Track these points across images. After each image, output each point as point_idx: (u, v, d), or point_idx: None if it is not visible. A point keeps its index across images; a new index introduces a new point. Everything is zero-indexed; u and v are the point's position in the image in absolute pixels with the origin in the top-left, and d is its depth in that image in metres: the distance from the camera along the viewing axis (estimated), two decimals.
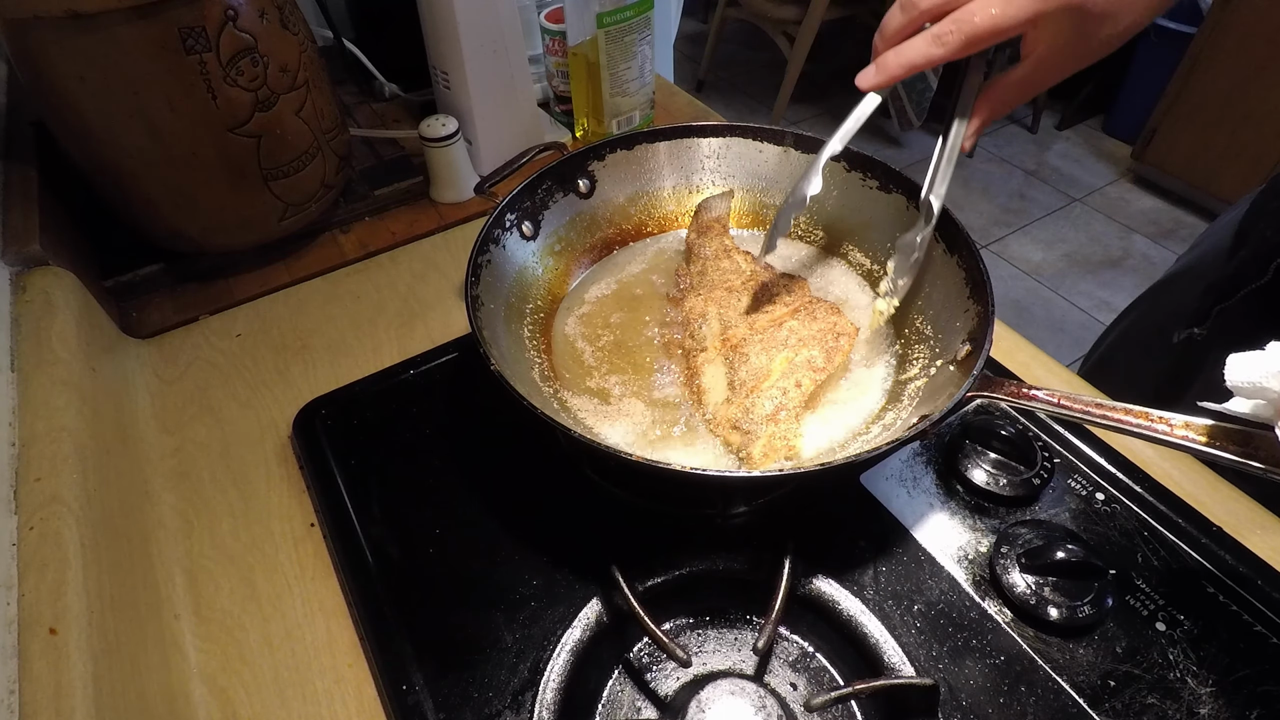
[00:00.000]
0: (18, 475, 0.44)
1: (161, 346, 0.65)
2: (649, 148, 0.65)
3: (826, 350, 0.52)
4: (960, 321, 0.50)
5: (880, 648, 0.43)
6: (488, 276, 0.53)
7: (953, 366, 0.49)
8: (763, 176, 0.66)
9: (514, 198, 0.57)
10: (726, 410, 0.51)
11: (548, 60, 0.87)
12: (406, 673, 0.44)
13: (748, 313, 0.56)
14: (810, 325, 0.54)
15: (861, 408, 0.53)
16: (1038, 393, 0.42)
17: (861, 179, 0.61)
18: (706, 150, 0.66)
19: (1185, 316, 0.67)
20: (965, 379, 0.43)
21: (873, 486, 0.53)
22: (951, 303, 0.52)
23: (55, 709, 0.36)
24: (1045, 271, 2.20)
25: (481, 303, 0.51)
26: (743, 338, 0.54)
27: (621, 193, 0.65)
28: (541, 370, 0.55)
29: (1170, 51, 2.30)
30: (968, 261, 0.52)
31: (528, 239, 0.59)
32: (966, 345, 0.48)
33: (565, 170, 0.61)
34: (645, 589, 0.45)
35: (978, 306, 0.49)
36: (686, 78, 3.01)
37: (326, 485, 0.53)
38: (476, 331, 0.47)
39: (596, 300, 0.61)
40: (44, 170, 0.65)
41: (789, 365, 0.52)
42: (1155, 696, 0.42)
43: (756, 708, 0.38)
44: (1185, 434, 0.37)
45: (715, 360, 0.54)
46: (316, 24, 0.91)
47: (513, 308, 0.56)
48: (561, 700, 0.41)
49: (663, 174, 0.66)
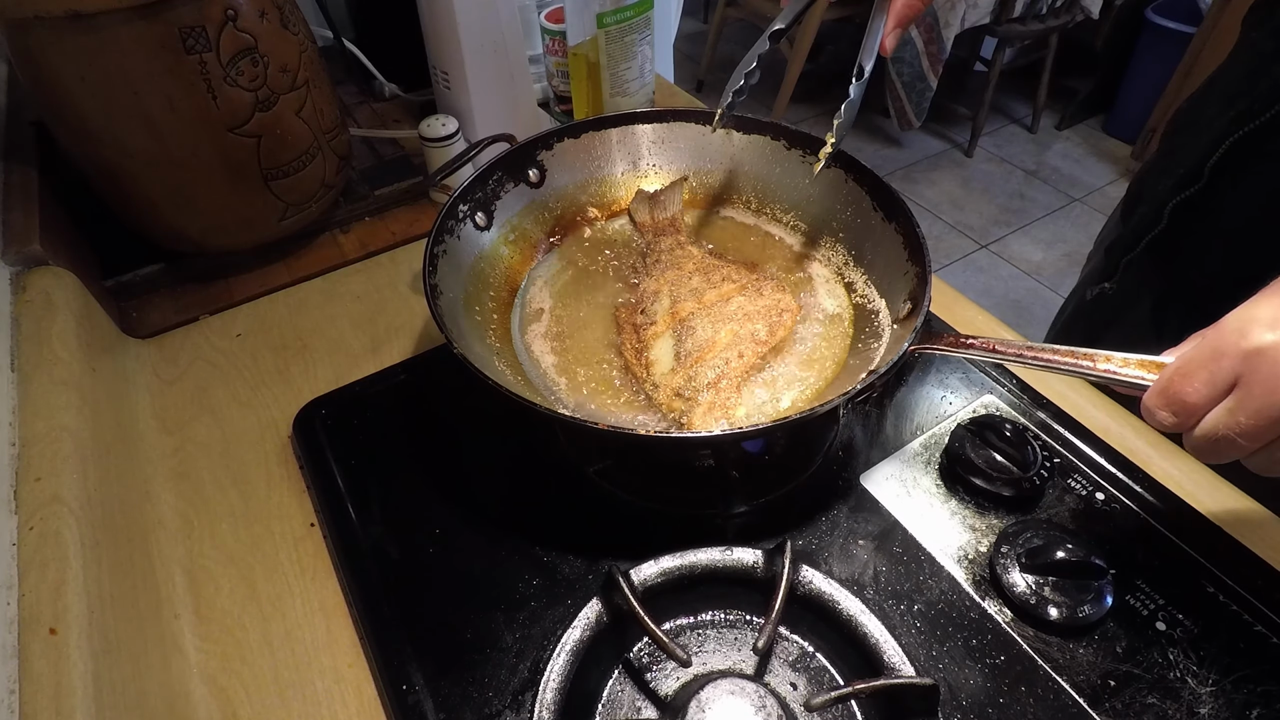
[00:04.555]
0: (18, 475, 0.44)
1: (161, 346, 0.65)
2: (596, 135, 0.66)
3: (770, 324, 0.55)
4: (900, 284, 0.54)
5: (880, 648, 0.43)
6: (445, 266, 0.54)
7: (896, 325, 0.53)
8: (707, 158, 0.68)
9: (465, 189, 0.58)
10: (671, 379, 0.53)
11: (548, 60, 0.87)
12: (406, 673, 0.44)
13: (697, 290, 0.58)
14: (757, 301, 0.57)
15: (808, 379, 0.54)
16: (973, 340, 0.45)
17: (801, 157, 0.64)
18: (652, 135, 0.68)
19: (1095, 275, 0.75)
20: (907, 334, 0.47)
21: (873, 486, 0.53)
22: (892, 267, 0.56)
23: (55, 709, 0.36)
24: (1045, 271, 2.20)
25: (440, 291, 0.52)
26: (691, 312, 0.56)
27: (571, 180, 0.66)
28: (501, 354, 0.55)
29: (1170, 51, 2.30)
30: (904, 227, 0.55)
31: (482, 229, 0.60)
32: (908, 304, 0.52)
33: (515, 160, 0.62)
34: (645, 589, 0.45)
35: (916, 268, 0.53)
36: (686, 78, 3.01)
37: (326, 485, 0.53)
38: (437, 318, 0.48)
39: (552, 287, 0.62)
40: (44, 170, 0.65)
41: (734, 337, 0.54)
42: (1155, 696, 0.42)
43: (756, 708, 0.38)
44: (1108, 366, 0.39)
45: (664, 334, 0.55)
46: (316, 24, 0.91)
47: (471, 296, 0.57)
48: (561, 700, 0.41)
49: (611, 160, 0.68)
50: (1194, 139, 0.64)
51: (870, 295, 0.58)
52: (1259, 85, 0.57)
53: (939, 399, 0.58)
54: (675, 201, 0.66)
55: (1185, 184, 0.63)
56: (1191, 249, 0.65)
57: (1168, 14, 2.38)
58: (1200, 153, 0.61)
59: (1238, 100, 0.58)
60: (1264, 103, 0.55)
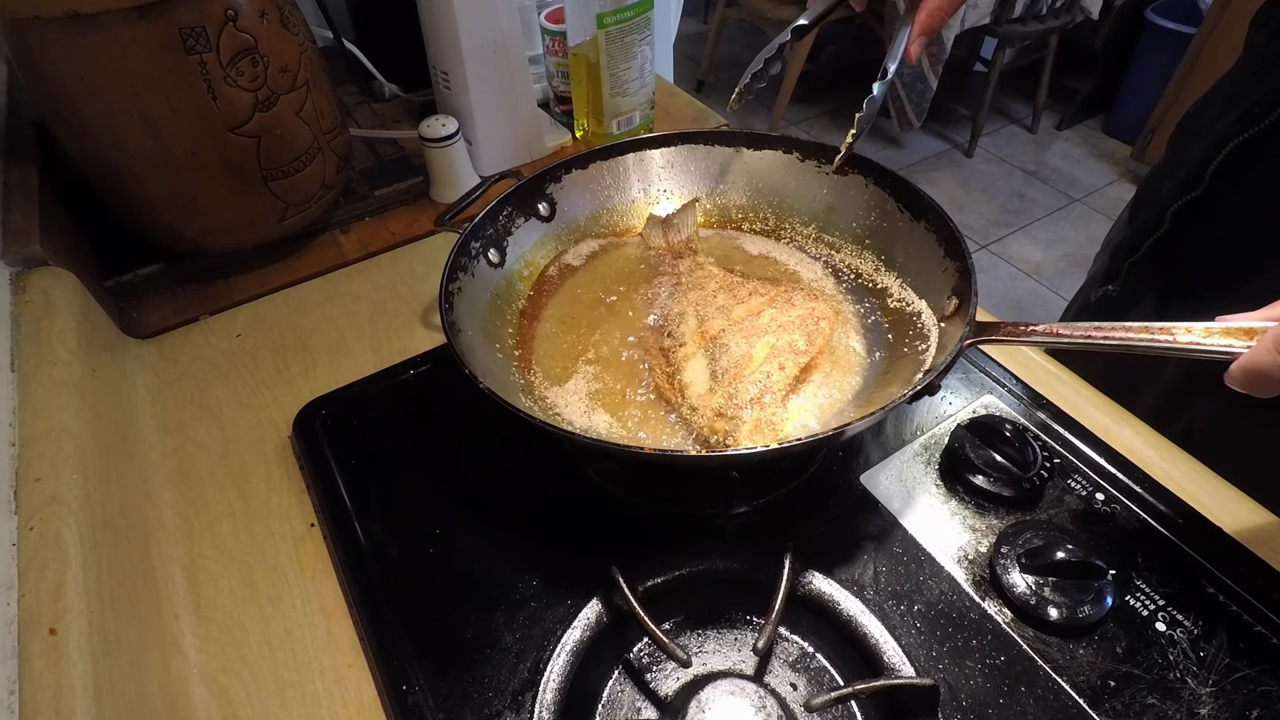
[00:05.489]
0: (18, 475, 0.44)
1: (161, 346, 0.65)
2: (604, 164, 0.65)
3: (808, 333, 0.52)
4: (939, 281, 0.53)
5: (880, 648, 0.43)
6: (461, 304, 0.53)
7: (943, 323, 0.51)
8: (720, 178, 0.67)
9: (476, 226, 0.57)
10: (710, 399, 0.50)
11: (548, 60, 0.87)
12: (406, 673, 0.44)
13: (724, 307, 0.56)
14: (789, 312, 0.54)
15: (851, 388, 0.53)
16: (1034, 328, 0.43)
17: (816, 167, 0.63)
18: (661, 160, 0.67)
19: (1100, 278, 0.76)
20: (958, 331, 0.46)
21: (873, 486, 0.53)
22: (928, 266, 0.55)
23: (55, 709, 0.36)
24: (1045, 271, 2.20)
25: (459, 329, 0.51)
26: (721, 329, 0.54)
27: (583, 211, 0.65)
28: (525, 386, 0.54)
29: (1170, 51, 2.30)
30: (936, 224, 0.54)
31: (495, 266, 0.59)
32: (953, 300, 0.51)
33: (523, 195, 0.61)
34: (645, 589, 0.45)
35: (956, 263, 0.52)
36: (686, 78, 3.01)
37: (326, 485, 0.53)
38: (459, 357, 0.47)
39: (570, 316, 0.60)
40: (44, 170, 0.65)
41: (771, 350, 0.52)
42: (1155, 696, 0.42)
43: (756, 708, 0.38)
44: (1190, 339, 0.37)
45: (695, 354, 0.53)
46: (316, 24, 0.91)
47: (490, 332, 0.56)
48: (561, 700, 0.41)
49: (621, 188, 0.67)
50: (1196, 143, 0.64)
51: (908, 298, 0.56)
52: (1260, 89, 0.57)
53: (939, 399, 0.58)
54: (689, 223, 0.65)
55: (1187, 188, 0.63)
56: (1193, 252, 0.65)
57: (1168, 14, 2.39)
58: (1202, 157, 0.61)
59: (1239, 104, 0.59)
60: (1265, 107, 0.56)
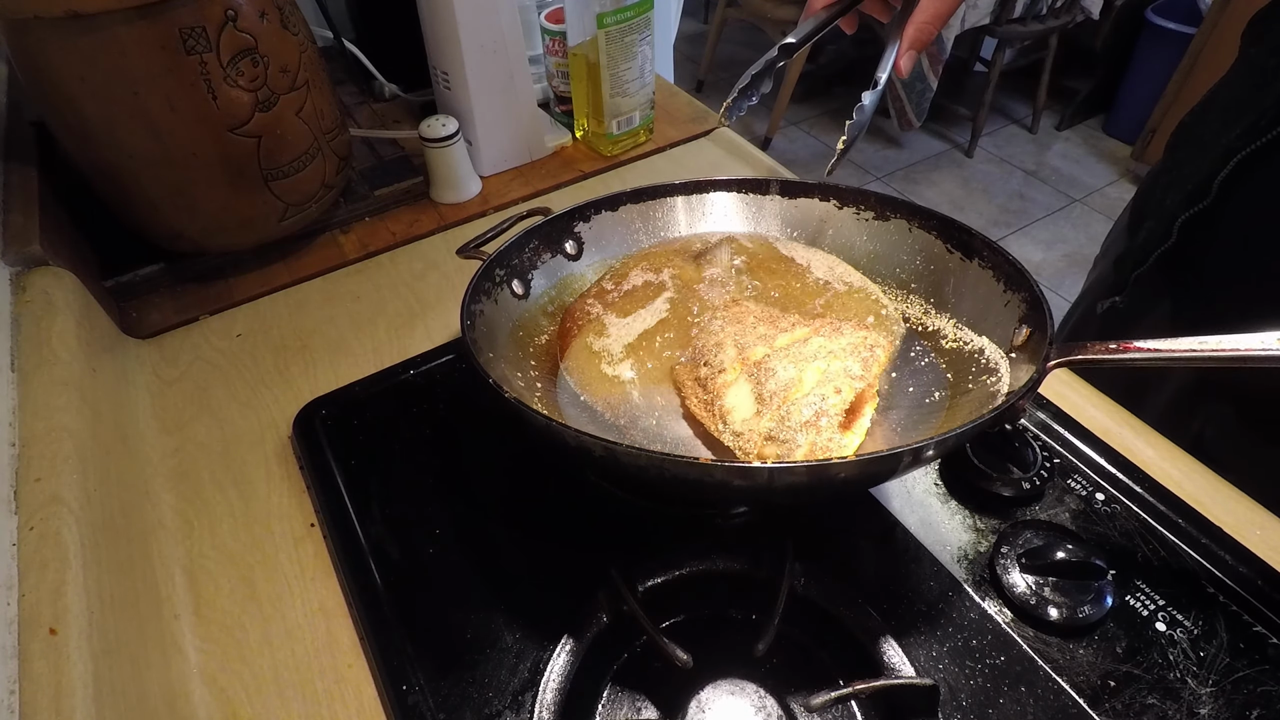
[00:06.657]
0: (18, 475, 0.44)
1: (161, 346, 0.65)
2: (634, 208, 0.63)
3: (863, 360, 0.48)
4: (1002, 315, 0.51)
5: (880, 648, 0.43)
6: (482, 326, 0.52)
7: (1013, 354, 0.49)
8: (749, 220, 0.65)
9: (501, 253, 0.55)
10: (757, 423, 0.46)
11: (548, 60, 0.87)
12: (406, 673, 0.44)
13: (766, 336, 0.52)
14: (838, 340, 0.50)
15: (909, 423, 0.50)
16: (1136, 347, 0.40)
17: (855, 214, 0.61)
18: (693, 205, 0.65)
19: (1105, 288, 0.74)
20: (1036, 356, 0.44)
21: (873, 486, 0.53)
22: (986, 302, 0.53)
23: (55, 709, 0.36)
24: (1045, 271, 2.20)
25: (481, 349, 0.49)
26: (765, 354, 0.50)
27: (611, 254, 0.63)
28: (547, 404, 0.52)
29: (1170, 51, 2.30)
30: (992, 260, 0.53)
31: (519, 298, 0.57)
32: (1024, 329, 0.49)
33: (551, 231, 0.60)
34: (645, 589, 0.45)
35: (1021, 294, 0.50)
36: (686, 78, 3.01)
37: (326, 485, 0.53)
38: (481, 370, 0.44)
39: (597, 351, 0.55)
40: (44, 170, 0.65)
41: (824, 374, 0.47)
42: (1155, 696, 0.42)
43: (756, 708, 0.38)
44: None
45: (737, 380, 0.49)
46: (316, 24, 0.91)
47: (512, 362, 0.54)
48: (561, 700, 0.41)
49: (650, 232, 0.64)
50: (1199, 154, 0.63)
51: (965, 336, 0.53)
52: (1264, 101, 0.57)
53: None
54: (723, 259, 0.62)
55: (1194, 199, 0.62)
56: (1202, 264, 0.64)
57: (1168, 14, 2.39)
58: (1207, 168, 0.61)
59: (1243, 116, 0.58)
60: (1271, 119, 0.55)
